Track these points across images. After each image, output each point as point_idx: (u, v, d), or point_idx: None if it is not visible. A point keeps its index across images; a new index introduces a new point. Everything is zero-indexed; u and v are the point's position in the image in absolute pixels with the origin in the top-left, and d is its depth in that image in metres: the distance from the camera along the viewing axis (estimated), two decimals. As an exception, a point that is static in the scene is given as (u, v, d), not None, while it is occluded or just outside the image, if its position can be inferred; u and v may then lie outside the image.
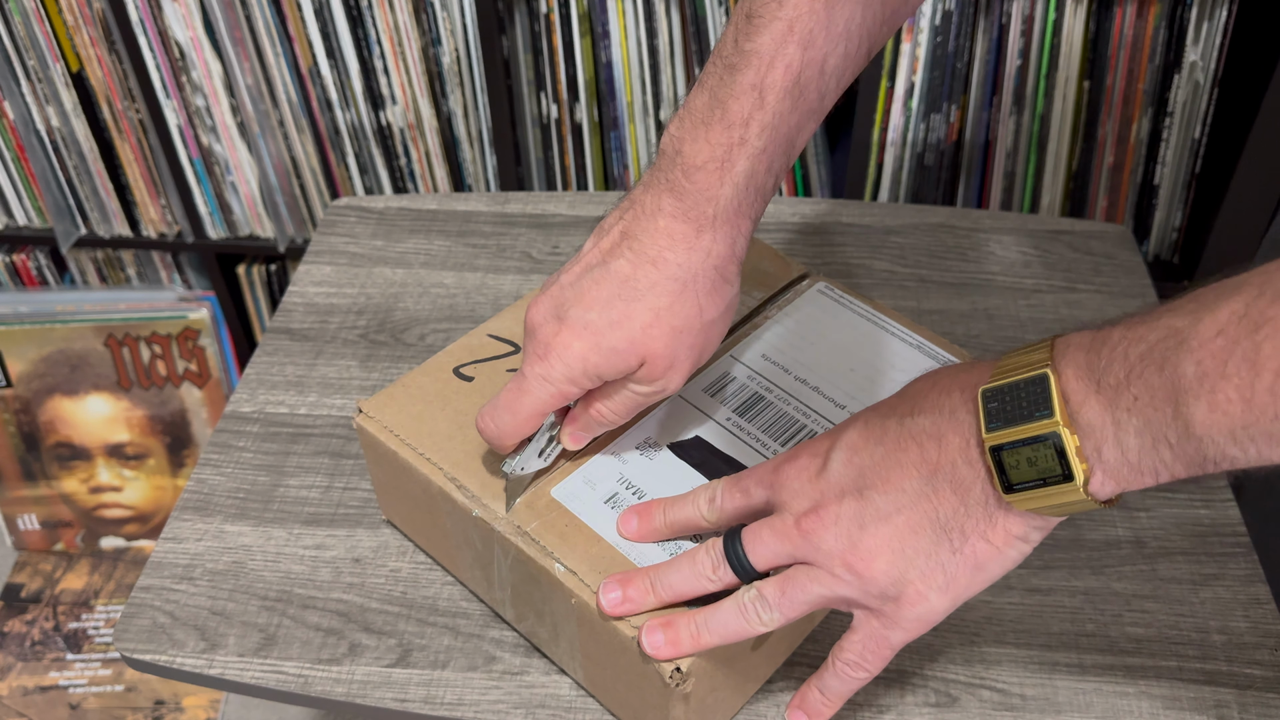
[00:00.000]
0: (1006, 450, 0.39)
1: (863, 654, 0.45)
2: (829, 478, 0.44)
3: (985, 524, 0.41)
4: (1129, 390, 0.36)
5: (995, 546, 0.41)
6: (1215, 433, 0.35)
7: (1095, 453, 0.38)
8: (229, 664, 0.56)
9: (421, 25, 1.13)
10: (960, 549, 0.41)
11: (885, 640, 0.44)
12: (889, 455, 0.42)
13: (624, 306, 0.47)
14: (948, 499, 0.41)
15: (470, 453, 0.54)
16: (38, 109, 1.25)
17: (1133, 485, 0.38)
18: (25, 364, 1.34)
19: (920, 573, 0.42)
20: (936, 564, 0.42)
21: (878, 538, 0.42)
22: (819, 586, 0.43)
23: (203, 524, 0.63)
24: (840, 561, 0.43)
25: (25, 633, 1.36)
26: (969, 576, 0.42)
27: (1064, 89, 1.06)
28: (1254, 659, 0.55)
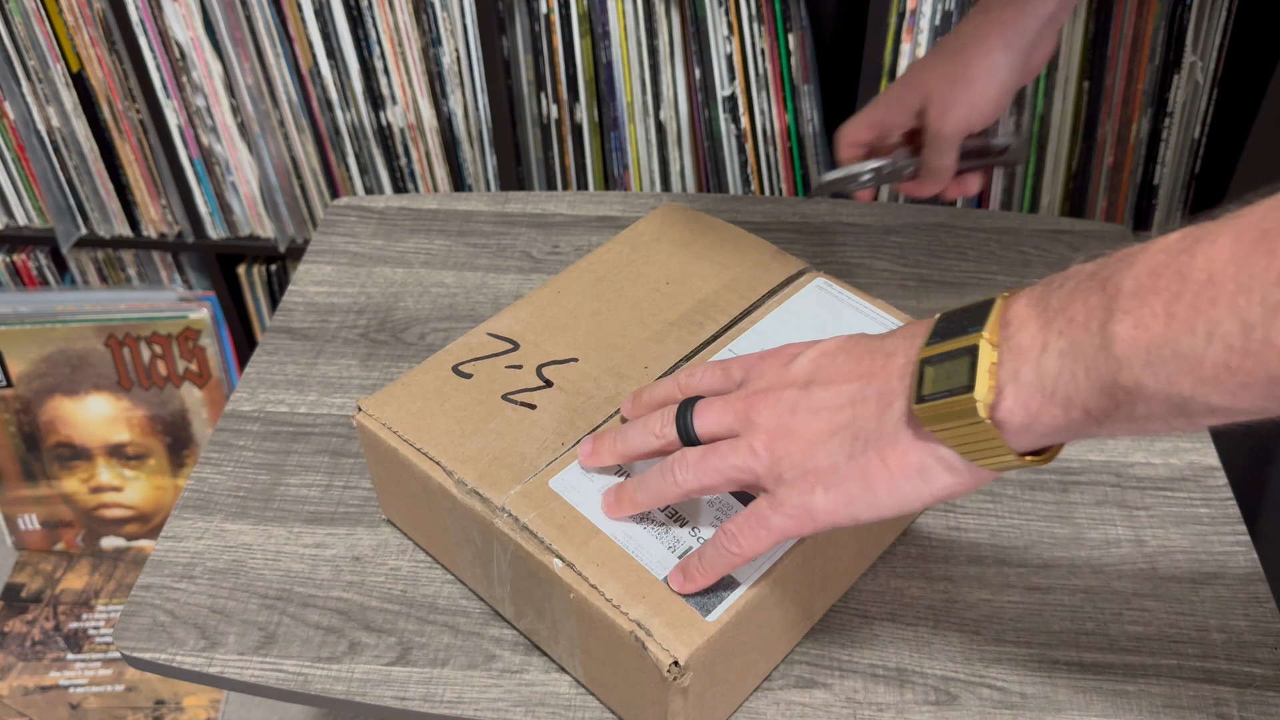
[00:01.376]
0: (932, 363, 0.39)
1: (741, 527, 0.45)
2: (791, 369, 0.45)
3: (888, 442, 0.41)
4: (1067, 311, 0.36)
5: (889, 468, 0.40)
6: (1133, 351, 0.34)
7: (1013, 375, 0.37)
8: (229, 662, 0.56)
9: (422, 25, 1.13)
10: (857, 458, 0.41)
11: (765, 520, 0.44)
12: (847, 362, 0.43)
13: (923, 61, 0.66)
14: (871, 409, 0.41)
15: (470, 449, 0.54)
16: (38, 109, 1.25)
17: (1043, 417, 0.37)
18: (26, 364, 1.34)
19: (817, 468, 0.42)
20: (832, 465, 0.42)
21: (801, 426, 0.43)
22: (736, 457, 0.45)
23: (203, 523, 0.63)
24: (763, 438, 0.44)
25: (26, 632, 1.36)
26: (856, 488, 0.41)
27: (1064, 89, 1.06)
28: (1254, 657, 0.55)
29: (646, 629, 0.46)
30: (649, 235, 0.69)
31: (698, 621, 0.47)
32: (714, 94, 1.11)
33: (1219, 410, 0.33)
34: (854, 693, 0.54)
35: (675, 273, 0.66)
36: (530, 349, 0.61)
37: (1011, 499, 0.63)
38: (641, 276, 0.66)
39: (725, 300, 0.63)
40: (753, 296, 0.63)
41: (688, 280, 0.65)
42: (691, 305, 0.63)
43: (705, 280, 0.65)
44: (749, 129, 1.13)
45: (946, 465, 0.40)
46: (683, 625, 0.46)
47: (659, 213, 0.71)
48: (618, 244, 0.69)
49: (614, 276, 0.66)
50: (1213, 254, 0.32)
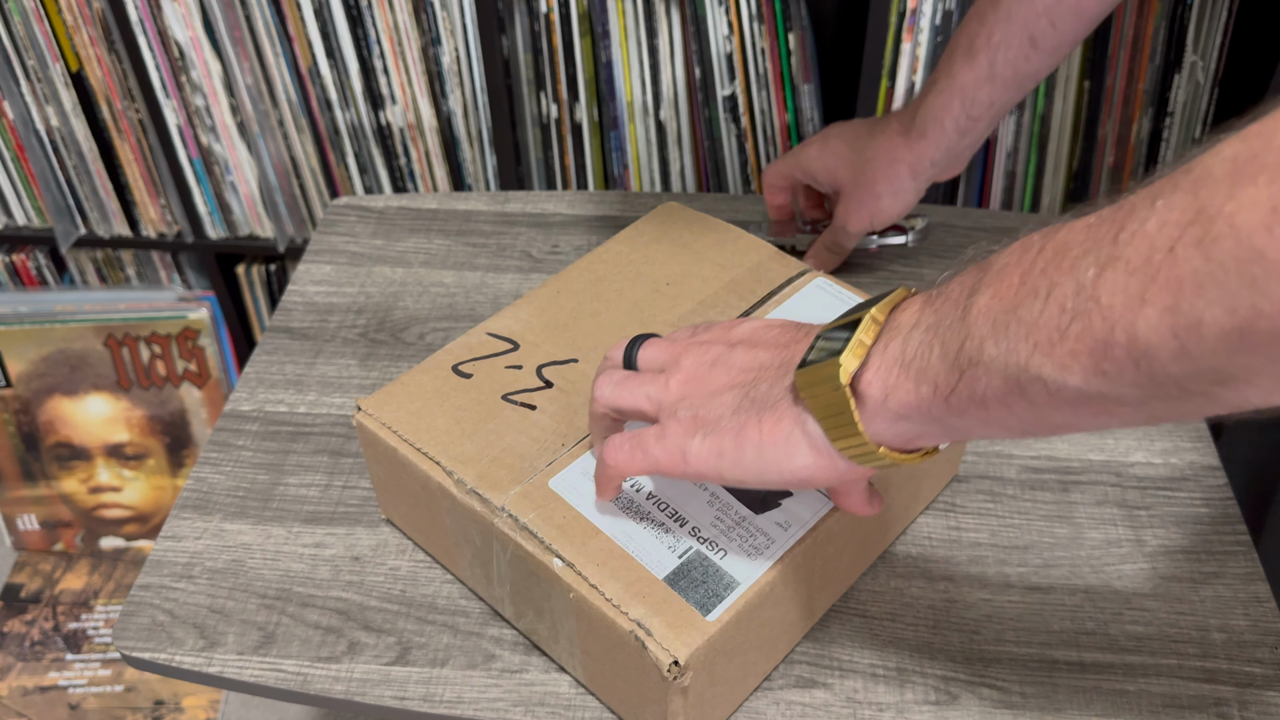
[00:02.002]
0: (824, 336, 0.41)
1: (622, 444, 0.46)
2: (733, 331, 0.47)
3: (768, 406, 0.42)
4: (945, 291, 0.37)
5: (761, 430, 0.41)
6: (983, 318, 0.34)
7: (883, 348, 0.38)
8: (228, 662, 0.56)
9: (421, 25, 1.13)
10: (739, 414, 0.42)
11: (645, 446, 0.45)
12: (776, 335, 0.45)
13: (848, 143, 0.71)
14: (769, 377, 0.43)
15: (470, 449, 0.54)
16: (37, 109, 1.25)
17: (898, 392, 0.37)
18: (25, 364, 1.34)
19: (706, 416, 0.43)
20: (718, 416, 0.43)
21: (711, 376, 0.44)
22: (650, 387, 0.46)
23: (202, 522, 0.63)
24: (678, 378, 0.45)
25: (25, 633, 1.36)
26: (729, 443, 0.42)
27: (1064, 89, 1.06)
28: (1254, 657, 0.55)
29: (646, 629, 0.46)
30: (649, 235, 0.69)
31: (697, 621, 0.46)
32: (714, 94, 1.11)
33: (1054, 389, 0.32)
34: (854, 692, 0.54)
35: (675, 273, 0.66)
36: (530, 349, 0.61)
37: (1011, 499, 0.63)
38: (641, 276, 0.66)
39: (725, 301, 0.63)
40: (753, 298, 0.63)
41: (687, 281, 0.65)
42: (691, 306, 0.63)
43: (705, 281, 0.65)
44: (749, 129, 1.13)
45: (810, 441, 0.40)
46: (682, 625, 0.46)
47: (659, 212, 0.71)
48: (617, 244, 0.68)
49: (614, 276, 0.66)
50: (1073, 226, 0.33)
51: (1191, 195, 0.28)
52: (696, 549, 0.49)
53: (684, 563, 0.49)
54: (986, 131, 0.66)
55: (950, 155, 0.66)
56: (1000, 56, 0.61)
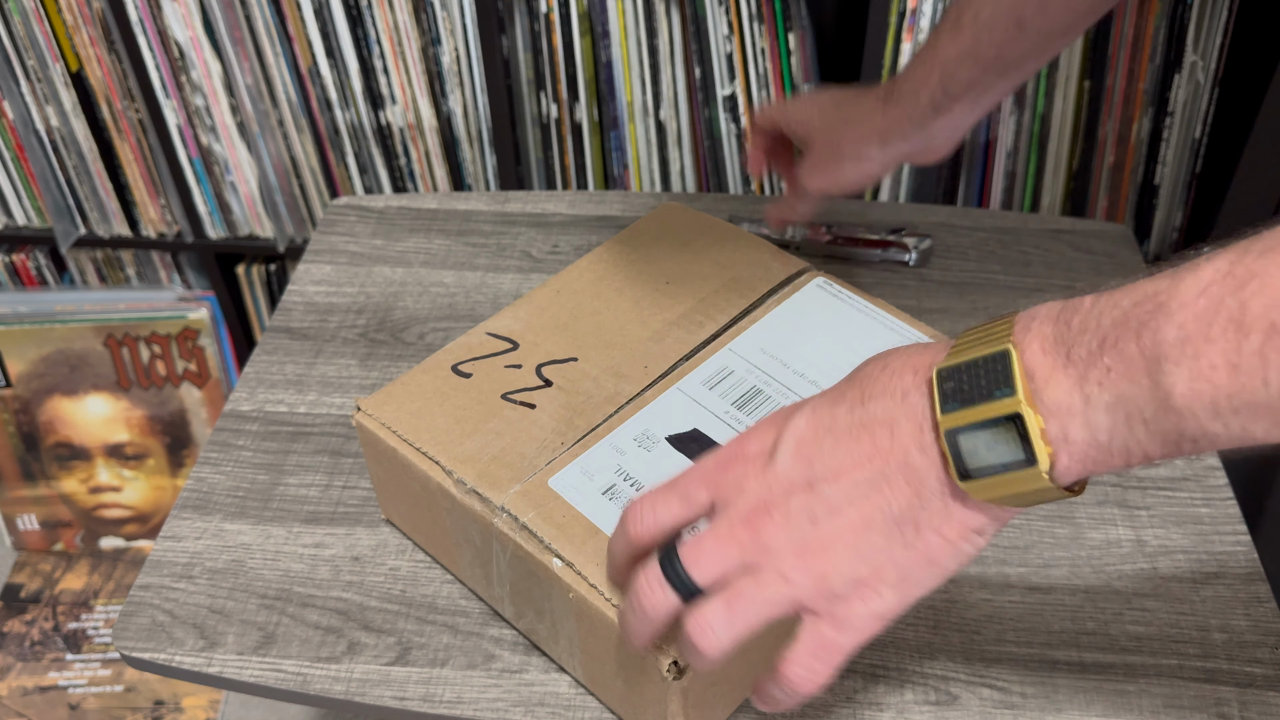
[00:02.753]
0: (963, 434, 0.36)
1: (811, 664, 0.40)
2: (776, 471, 0.40)
3: (940, 517, 0.38)
4: (1101, 362, 0.34)
5: (949, 541, 0.38)
6: (1196, 405, 0.32)
7: (1061, 434, 0.35)
8: (228, 662, 0.56)
9: (421, 25, 1.13)
10: (914, 544, 0.38)
11: (836, 646, 0.40)
12: (839, 445, 0.39)
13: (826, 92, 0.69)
14: (901, 491, 0.38)
15: (470, 448, 0.54)
16: (37, 109, 1.25)
17: (1101, 468, 0.35)
18: (25, 364, 1.34)
19: (873, 569, 0.39)
20: (889, 560, 0.38)
21: (830, 533, 0.39)
22: (767, 592, 0.39)
23: (202, 522, 0.63)
24: (791, 559, 0.39)
25: (25, 633, 1.36)
26: (922, 572, 0.39)
27: (1064, 89, 1.06)
28: (1254, 657, 0.55)
29: None
30: (649, 235, 0.69)
31: None
32: (714, 94, 1.11)
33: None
34: (854, 692, 0.54)
35: (675, 272, 0.66)
36: (530, 348, 0.61)
37: (1012, 499, 0.63)
38: (641, 276, 0.66)
39: (725, 299, 0.63)
40: (753, 296, 0.63)
41: (687, 280, 0.65)
42: (692, 304, 0.63)
43: (705, 279, 0.65)
44: (749, 129, 1.13)
45: (998, 517, 0.38)
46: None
47: (659, 212, 0.71)
48: (617, 243, 0.68)
49: (614, 276, 0.66)
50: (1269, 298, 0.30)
51: None
52: None
53: None
54: (967, 117, 0.63)
55: (923, 131, 0.63)
56: (985, 36, 0.59)
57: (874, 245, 0.78)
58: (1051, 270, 0.78)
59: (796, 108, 0.70)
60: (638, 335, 0.61)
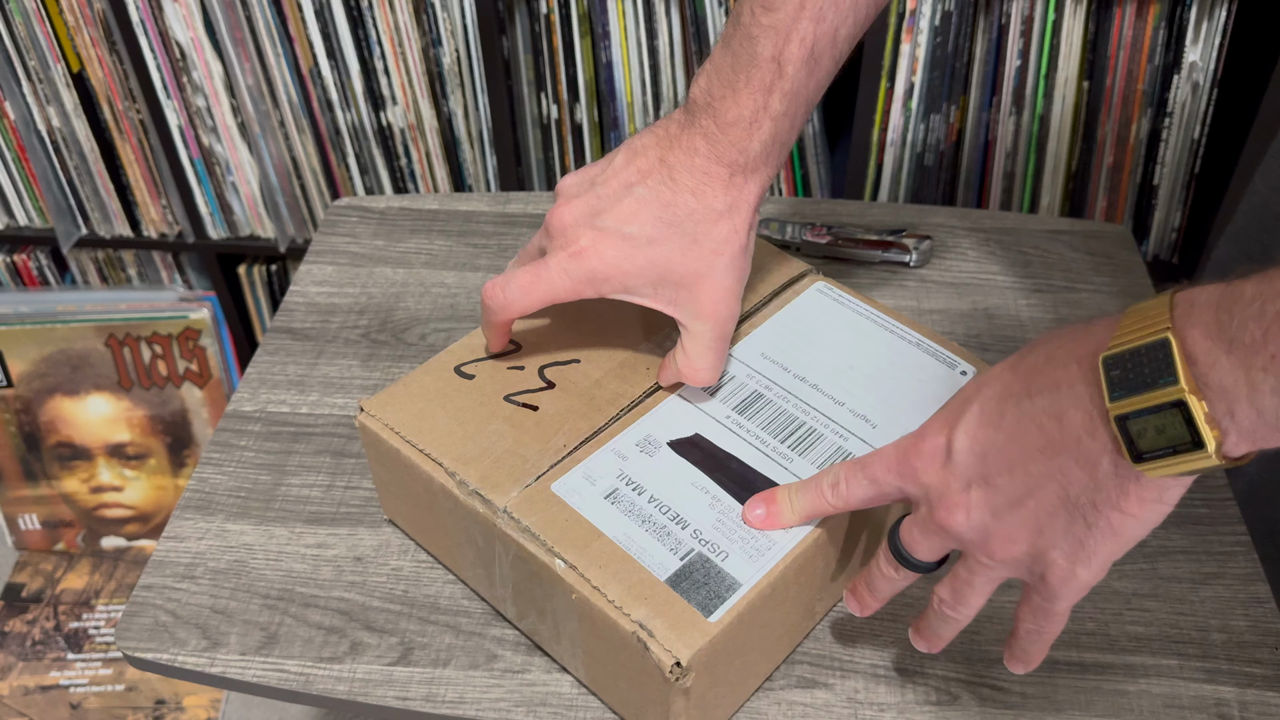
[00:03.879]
0: (1132, 419, 0.38)
1: (1037, 620, 0.46)
2: (954, 467, 0.44)
3: (1117, 494, 0.40)
4: (1266, 349, 0.36)
5: (1129, 515, 0.41)
6: None
7: (1228, 414, 0.37)
8: (230, 662, 0.56)
9: (422, 26, 1.13)
10: (1095, 523, 0.41)
11: (1050, 611, 0.45)
12: (1011, 439, 0.42)
13: (664, 229, 0.52)
14: (1076, 476, 0.41)
15: (472, 450, 0.55)
16: (39, 109, 1.25)
17: (1270, 444, 0.37)
18: (26, 364, 1.34)
19: (1061, 551, 0.42)
20: (1074, 540, 0.42)
21: (1012, 523, 0.43)
22: (979, 577, 0.45)
23: (204, 523, 0.63)
24: (981, 550, 0.44)
25: (26, 632, 1.36)
26: (1109, 544, 0.42)
27: (1063, 89, 1.06)
28: (1254, 658, 0.55)
29: (649, 630, 0.46)
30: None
31: (699, 622, 0.47)
32: (714, 94, 1.11)
33: None
34: (855, 693, 0.54)
35: None
36: (532, 350, 0.61)
37: (1012, 499, 0.63)
38: None
39: None
40: (754, 299, 0.64)
41: None
42: None
43: None
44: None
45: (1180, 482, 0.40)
46: (685, 626, 0.46)
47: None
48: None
49: None
50: None
51: None
52: (698, 551, 0.50)
53: (685, 564, 0.49)
54: None
55: None
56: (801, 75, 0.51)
57: (874, 246, 0.78)
58: (1050, 270, 0.78)
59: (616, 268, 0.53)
60: (640, 338, 0.61)
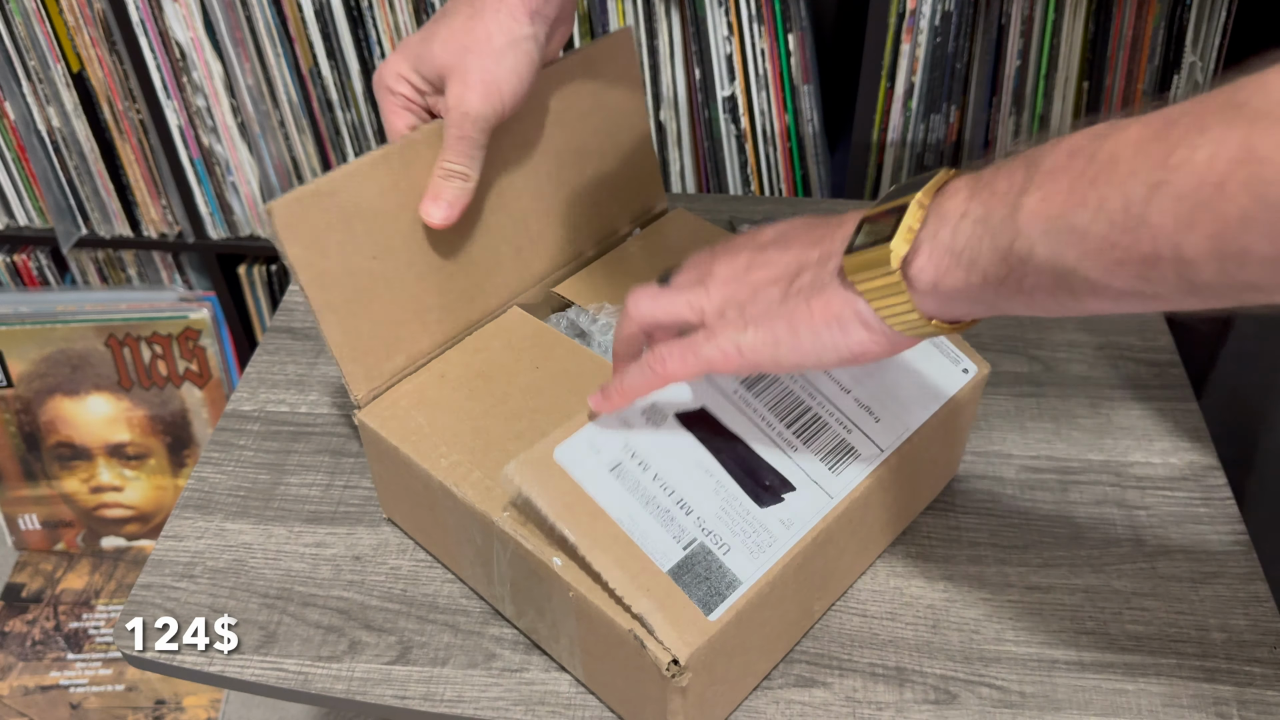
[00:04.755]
0: (869, 220, 0.42)
1: (672, 350, 0.47)
2: (760, 235, 0.48)
3: (817, 291, 0.43)
4: (992, 185, 0.38)
5: (812, 314, 0.43)
6: (1033, 221, 0.36)
7: (932, 235, 0.39)
8: (229, 661, 0.56)
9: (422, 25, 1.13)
10: (788, 302, 0.44)
11: (697, 348, 0.46)
12: (807, 229, 0.46)
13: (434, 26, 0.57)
14: (812, 264, 0.44)
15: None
16: (38, 109, 1.25)
17: (948, 278, 0.39)
18: (26, 364, 1.34)
19: (755, 311, 0.45)
20: (767, 308, 0.44)
21: (751, 276, 0.46)
22: (690, 294, 0.47)
23: (204, 522, 0.63)
24: (716, 284, 0.47)
25: (26, 632, 1.36)
26: (783, 330, 0.44)
27: (1063, 89, 1.06)
28: (1253, 656, 0.55)
29: (647, 626, 0.46)
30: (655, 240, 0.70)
31: (699, 620, 0.47)
32: (714, 94, 1.11)
33: (1099, 288, 0.35)
34: (854, 692, 0.54)
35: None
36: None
37: (1011, 499, 0.63)
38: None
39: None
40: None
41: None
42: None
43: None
44: (749, 129, 1.13)
45: (862, 320, 0.42)
46: (683, 624, 0.46)
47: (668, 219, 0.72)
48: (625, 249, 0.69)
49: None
50: (1121, 139, 0.34)
51: (1243, 133, 0.30)
52: (701, 541, 0.49)
53: (688, 555, 0.49)
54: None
55: None
56: None
57: None
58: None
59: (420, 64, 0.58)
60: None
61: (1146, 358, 0.72)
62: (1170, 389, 0.70)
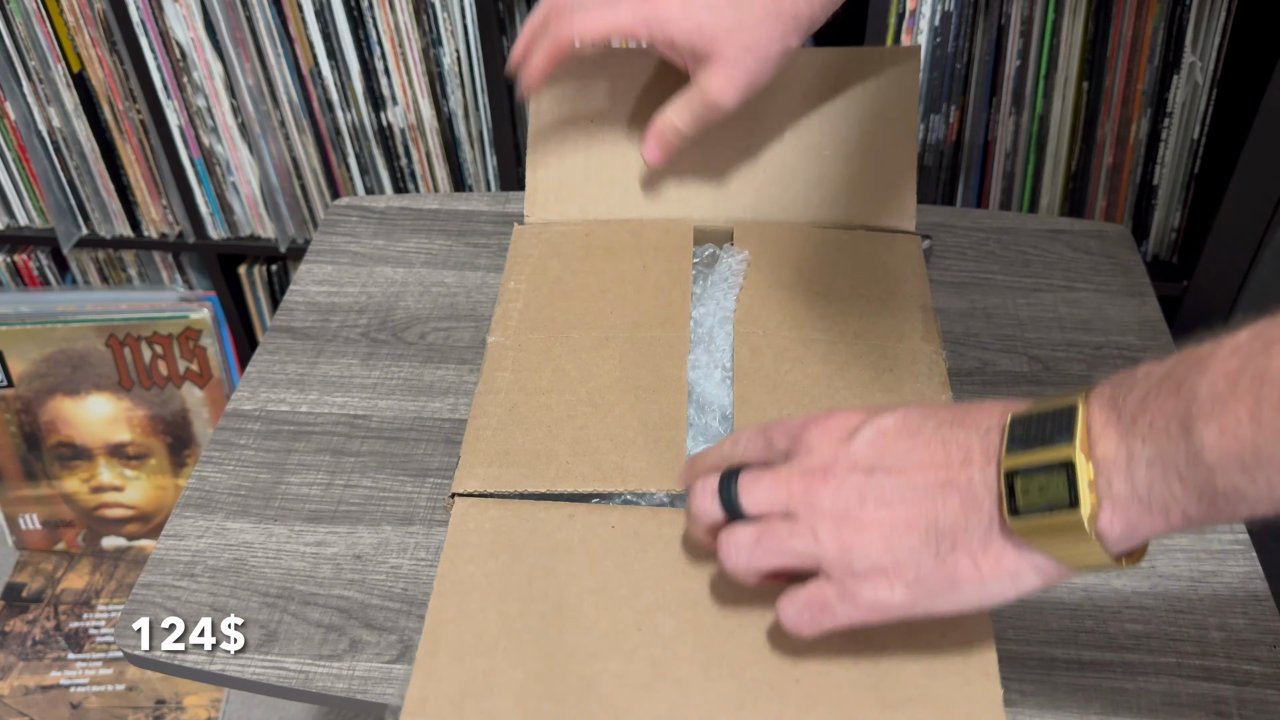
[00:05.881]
0: (1021, 475, 0.38)
1: (802, 611, 0.44)
2: (850, 448, 0.43)
3: (979, 545, 0.40)
4: (1144, 417, 0.36)
5: (979, 570, 0.40)
6: (1225, 459, 0.33)
7: (1107, 486, 0.37)
8: (230, 660, 0.56)
9: (422, 26, 1.13)
10: (944, 558, 0.40)
11: (830, 610, 0.43)
12: (915, 449, 0.42)
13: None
14: (953, 508, 0.40)
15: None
16: (39, 109, 1.26)
17: (1143, 526, 0.37)
18: (26, 364, 1.34)
19: (896, 564, 0.41)
20: (915, 563, 0.41)
21: (872, 517, 0.42)
22: (796, 541, 0.43)
23: (204, 521, 0.63)
24: (828, 524, 0.42)
25: (26, 632, 1.37)
26: (939, 588, 0.41)
27: (1063, 89, 1.06)
28: (1253, 656, 0.55)
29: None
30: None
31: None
32: (714, 94, 1.11)
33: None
34: (854, 691, 0.54)
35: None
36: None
37: (1011, 498, 0.63)
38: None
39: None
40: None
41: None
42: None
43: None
44: None
45: (1039, 569, 0.40)
46: None
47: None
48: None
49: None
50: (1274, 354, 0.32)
51: None
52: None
53: None
54: None
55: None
56: None
57: None
58: (1050, 270, 0.78)
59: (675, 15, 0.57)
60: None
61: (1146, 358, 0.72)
62: (1170, 388, 0.70)
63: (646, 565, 0.50)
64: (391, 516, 0.63)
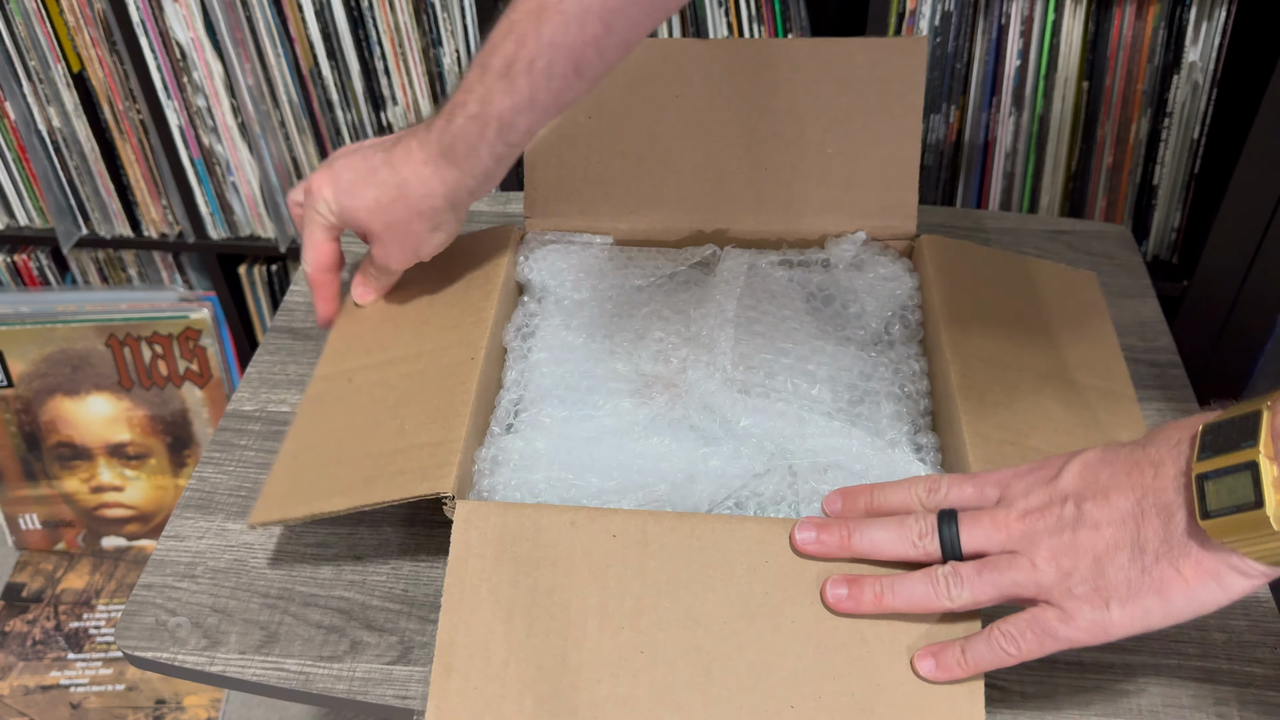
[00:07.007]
0: (1210, 479, 0.41)
1: (1024, 631, 0.46)
2: (1059, 484, 0.47)
3: (1179, 552, 0.43)
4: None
5: (1184, 578, 0.43)
6: None
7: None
8: (230, 661, 0.56)
9: (422, 26, 1.13)
10: (1149, 570, 0.43)
11: (1054, 631, 0.46)
12: (1115, 475, 0.45)
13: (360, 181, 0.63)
14: (1152, 522, 0.44)
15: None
16: (39, 109, 1.26)
17: None
18: (26, 364, 1.34)
19: (1109, 583, 0.44)
20: (1124, 579, 0.44)
21: (1084, 541, 0.45)
22: (1016, 573, 0.46)
23: (204, 522, 0.63)
24: (1044, 554, 0.46)
25: (26, 632, 1.37)
26: (1151, 600, 0.44)
27: (1063, 89, 1.06)
28: (1254, 657, 0.55)
29: None
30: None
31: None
32: (714, 94, 1.11)
33: None
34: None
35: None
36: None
37: (1011, 499, 0.63)
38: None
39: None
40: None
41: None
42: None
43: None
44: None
45: (1241, 571, 0.42)
46: None
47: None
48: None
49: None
50: None
51: None
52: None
53: None
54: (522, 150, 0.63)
55: (488, 181, 0.62)
56: (542, 85, 0.57)
57: None
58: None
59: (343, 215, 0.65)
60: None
61: (1147, 358, 0.72)
62: (1170, 390, 0.70)
63: (647, 578, 0.51)
64: (392, 517, 0.63)
